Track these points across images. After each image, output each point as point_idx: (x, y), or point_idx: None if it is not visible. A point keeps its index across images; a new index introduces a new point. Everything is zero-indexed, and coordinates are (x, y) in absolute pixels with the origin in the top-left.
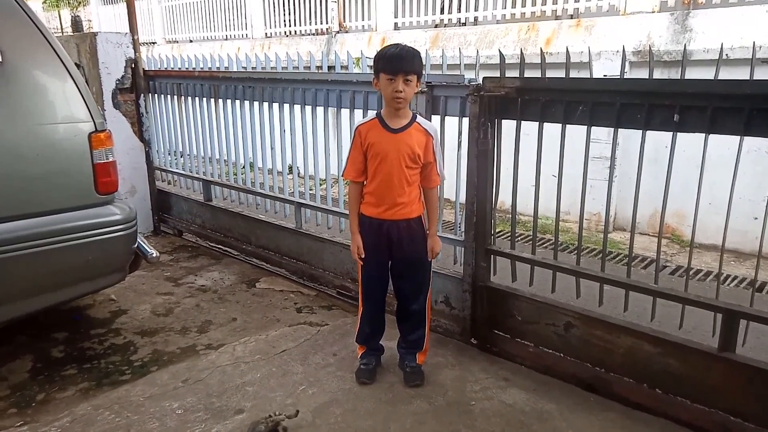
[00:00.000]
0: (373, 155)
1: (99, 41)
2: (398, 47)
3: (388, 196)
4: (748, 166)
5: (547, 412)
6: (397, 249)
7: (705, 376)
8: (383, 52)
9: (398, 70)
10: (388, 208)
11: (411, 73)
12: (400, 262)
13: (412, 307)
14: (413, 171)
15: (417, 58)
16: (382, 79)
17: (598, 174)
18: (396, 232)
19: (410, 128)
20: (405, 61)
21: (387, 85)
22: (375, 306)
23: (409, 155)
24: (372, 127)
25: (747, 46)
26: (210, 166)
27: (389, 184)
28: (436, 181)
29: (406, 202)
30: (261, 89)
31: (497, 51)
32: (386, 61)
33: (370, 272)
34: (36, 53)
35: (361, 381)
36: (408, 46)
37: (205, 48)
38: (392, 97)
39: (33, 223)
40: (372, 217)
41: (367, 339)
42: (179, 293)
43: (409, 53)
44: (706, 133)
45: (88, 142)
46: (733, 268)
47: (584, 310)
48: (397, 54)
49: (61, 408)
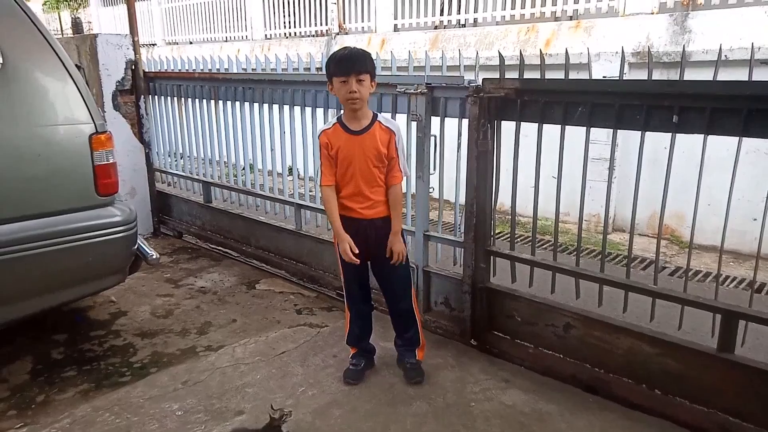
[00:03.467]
0: (341, 159)
1: (99, 43)
2: (347, 50)
3: (363, 196)
4: (746, 167)
5: (546, 413)
6: (374, 248)
7: (704, 377)
8: (333, 56)
9: (349, 70)
10: (365, 207)
11: (363, 72)
12: (379, 260)
13: (400, 306)
14: (381, 170)
15: (367, 58)
16: (336, 82)
17: (597, 175)
18: (373, 231)
19: (372, 128)
20: (355, 61)
21: (341, 87)
22: (360, 306)
23: (374, 155)
24: (334, 132)
25: (746, 47)
26: (210, 168)
27: (360, 185)
28: (398, 177)
29: (379, 200)
30: (261, 91)
31: (497, 52)
32: (336, 63)
33: (350, 273)
34: (37, 55)
35: (347, 381)
36: (357, 48)
37: (205, 49)
38: (347, 98)
39: (33, 225)
40: (351, 217)
41: (358, 340)
42: (179, 295)
43: (358, 54)
44: (705, 134)
45: (88, 144)
46: (732, 269)
47: (584, 311)
48: (347, 55)
49: (61, 409)
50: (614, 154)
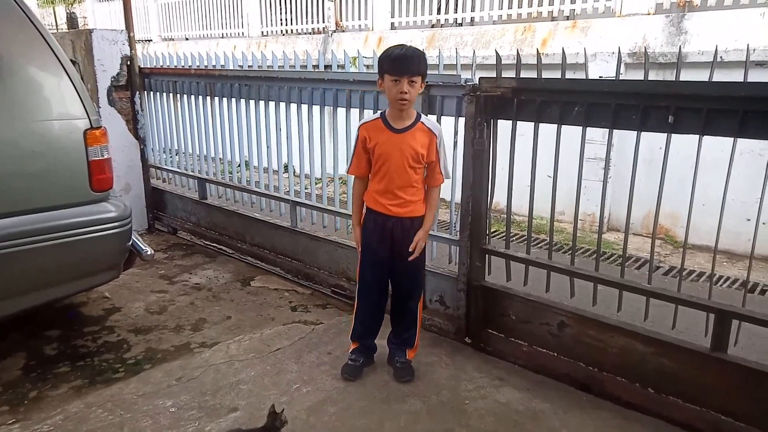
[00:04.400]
0: (378, 156)
1: (94, 38)
2: (403, 48)
3: (394, 195)
4: (741, 167)
5: (540, 411)
6: (398, 246)
7: (697, 376)
8: (388, 53)
9: (404, 71)
10: (395, 205)
11: (416, 74)
12: (401, 260)
13: (409, 305)
14: (417, 171)
15: (422, 59)
16: (387, 80)
17: (592, 174)
18: (399, 230)
19: (414, 128)
20: (410, 62)
21: (392, 86)
22: (371, 305)
23: (412, 155)
24: (375, 126)
25: (741, 48)
26: (205, 164)
27: (394, 183)
28: (439, 179)
29: (410, 200)
30: (257, 88)
31: (494, 51)
32: (391, 62)
33: (369, 270)
34: (32, 49)
35: (344, 376)
36: (413, 47)
37: (201, 46)
38: (397, 98)
39: (27, 220)
40: (379, 212)
41: (361, 336)
42: (173, 291)
43: (414, 55)
44: (701, 135)
45: (83, 139)
46: (725, 269)
47: (578, 309)
48: (402, 55)
49: (54, 406)
50: (610, 153)
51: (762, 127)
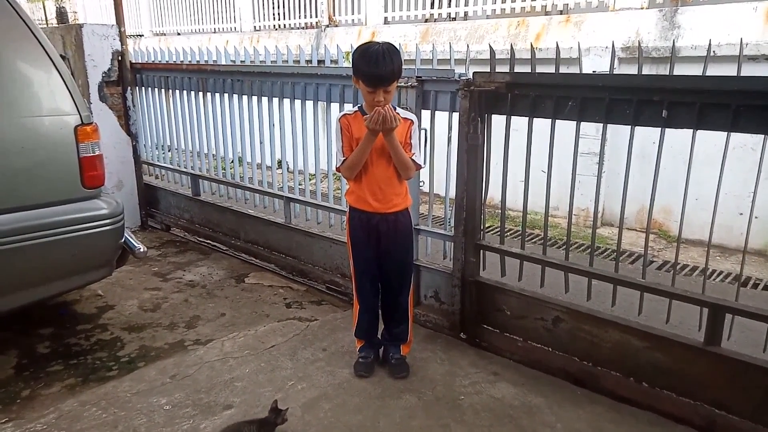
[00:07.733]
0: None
1: (85, 33)
2: (376, 56)
3: (377, 190)
4: (734, 162)
5: (535, 406)
6: (385, 242)
7: (691, 370)
8: (363, 60)
9: (377, 85)
10: (378, 201)
11: (390, 83)
12: (388, 255)
13: (399, 300)
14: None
15: (396, 71)
16: (362, 86)
17: (586, 169)
18: (385, 226)
19: None
20: (383, 78)
21: (367, 94)
22: (370, 301)
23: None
24: (355, 119)
25: (734, 42)
26: (198, 161)
27: (375, 178)
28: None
29: (394, 193)
30: (250, 83)
31: (487, 46)
32: (364, 76)
33: (361, 267)
34: (20, 44)
35: (359, 374)
36: (386, 52)
37: (193, 41)
38: (372, 105)
39: (18, 217)
40: (363, 210)
41: (366, 333)
42: (167, 288)
43: (387, 67)
44: (694, 129)
45: (74, 135)
46: (719, 263)
47: (572, 304)
48: (376, 74)
49: (47, 404)
50: (604, 148)
51: (755, 122)
